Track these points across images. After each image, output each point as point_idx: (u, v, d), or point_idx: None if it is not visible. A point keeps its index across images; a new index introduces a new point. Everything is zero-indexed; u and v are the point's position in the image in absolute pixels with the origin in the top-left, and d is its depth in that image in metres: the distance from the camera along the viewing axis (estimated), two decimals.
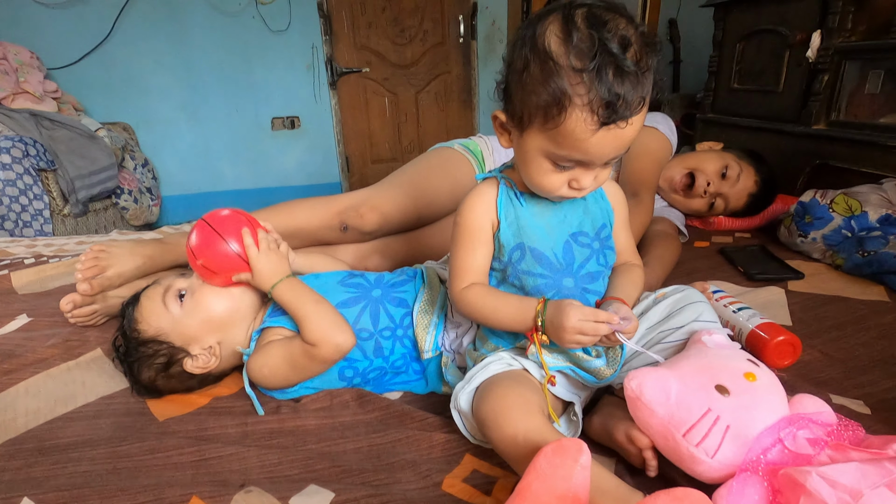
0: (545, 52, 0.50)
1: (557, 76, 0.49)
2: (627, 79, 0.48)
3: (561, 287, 0.64)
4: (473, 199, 0.65)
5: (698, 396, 0.52)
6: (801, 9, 1.57)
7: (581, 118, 0.50)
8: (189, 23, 2.94)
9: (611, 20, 0.49)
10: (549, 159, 0.55)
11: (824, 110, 1.53)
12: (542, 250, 0.63)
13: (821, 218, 1.16)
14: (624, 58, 0.48)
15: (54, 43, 2.74)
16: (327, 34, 3.17)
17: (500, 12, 3.40)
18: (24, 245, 1.36)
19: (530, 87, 0.52)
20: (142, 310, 0.75)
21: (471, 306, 0.64)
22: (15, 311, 0.95)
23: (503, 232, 0.63)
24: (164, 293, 0.75)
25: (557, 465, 0.43)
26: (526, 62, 0.52)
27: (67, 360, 0.83)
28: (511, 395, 0.57)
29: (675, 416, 0.52)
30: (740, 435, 0.49)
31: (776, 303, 0.99)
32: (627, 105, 0.49)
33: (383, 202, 1.07)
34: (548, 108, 0.51)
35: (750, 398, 0.51)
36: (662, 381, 0.54)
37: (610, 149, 0.52)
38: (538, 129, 0.54)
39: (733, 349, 0.60)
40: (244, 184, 3.33)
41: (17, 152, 2.08)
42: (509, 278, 0.65)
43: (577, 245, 0.64)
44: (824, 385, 0.73)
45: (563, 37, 0.50)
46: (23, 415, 0.72)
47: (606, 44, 0.48)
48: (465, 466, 0.61)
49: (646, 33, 0.51)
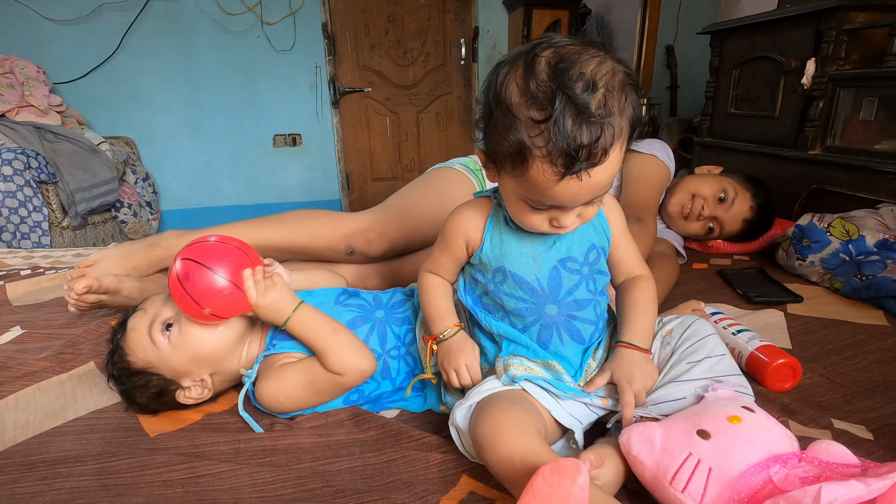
0: (506, 102, 0.50)
1: (516, 128, 0.49)
2: (589, 127, 0.46)
3: (542, 314, 0.63)
4: (460, 214, 0.67)
5: (679, 442, 0.52)
6: (796, 37, 1.61)
7: (542, 169, 0.49)
8: (195, 41, 2.99)
9: (579, 61, 0.47)
10: (525, 202, 0.56)
11: (820, 136, 1.55)
12: (523, 276, 0.63)
13: (818, 241, 1.16)
14: (586, 106, 0.46)
15: (61, 58, 2.78)
16: (331, 54, 3.23)
17: (501, 36, 3.47)
18: (21, 256, 1.35)
19: (496, 135, 0.52)
20: (129, 342, 0.71)
21: (420, 288, 0.73)
22: (8, 323, 0.94)
23: (485, 253, 0.64)
24: (150, 325, 0.71)
25: (555, 486, 0.43)
26: (490, 110, 0.52)
27: (59, 373, 0.82)
28: (507, 417, 0.56)
29: (661, 463, 0.51)
30: (723, 476, 0.48)
31: (775, 325, 0.99)
32: (590, 154, 0.47)
33: (390, 229, 1.07)
34: (512, 157, 0.51)
35: (730, 438, 0.50)
36: (648, 432, 0.54)
37: (580, 195, 0.52)
38: (508, 174, 0.54)
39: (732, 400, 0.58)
40: (244, 199, 3.35)
41: (18, 164, 2.09)
42: (491, 295, 0.65)
43: (565, 271, 0.63)
44: (826, 409, 0.73)
45: (522, 86, 0.49)
46: (11, 429, 0.70)
47: (567, 91, 0.46)
48: (462, 488, 0.59)
49: (620, 71, 0.49)
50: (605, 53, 0.49)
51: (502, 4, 3.39)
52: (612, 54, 0.50)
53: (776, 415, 0.69)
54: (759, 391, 0.76)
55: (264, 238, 1.01)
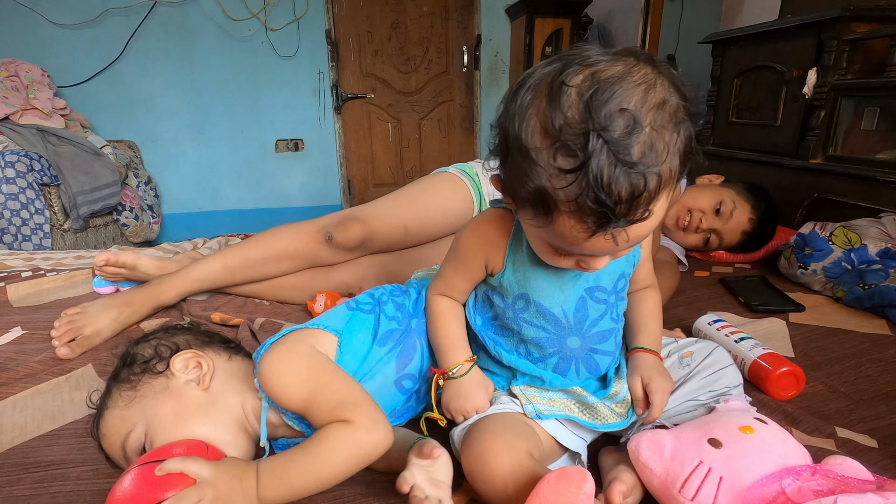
0: (525, 144, 0.40)
1: (538, 175, 0.40)
2: (629, 179, 0.38)
3: (564, 346, 0.58)
4: (479, 231, 0.59)
5: (689, 450, 0.51)
6: (797, 46, 1.61)
7: (570, 224, 0.41)
8: (199, 46, 3.01)
9: (619, 92, 0.38)
10: (548, 244, 0.48)
11: (821, 145, 1.56)
12: (548, 307, 0.56)
13: (821, 250, 1.16)
14: (627, 151, 0.37)
15: (66, 62, 2.80)
16: (334, 61, 3.25)
17: (504, 44, 3.49)
18: (23, 258, 1.35)
19: (514, 176, 0.43)
20: (104, 442, 0.59)
21: (428, 313, 0.65)
22: (9, 324, 0.94)
23: (506, 277, 0.57)
24: (123, 441, 0.57)
25: (560, 492, 0.42)
26: (506, 149, 0.43)
27: (58, 375, 0.81)
28: (497, 444, 0.52)
29: (671, 471, 0.51)
30: (735, 486, 0.48)
31: (777, 334, 0.99)
32: (629, 210, 0.39)
33: (367, 215, 1.06)
34: (533, 205, 0.42)
35: (742, 448, 0.50)
36: (657, 439, 0.53)
37: (614, 249, 0.44)
38: (529, 219, 0.45)
39: (745, 411, 0.58)
40: (246, 204, 3.35)
41: (21, 167, 2.09)
42: (507, 320, 0.59)
43: (592, 301, 0.57)
44: (830, 418, 0.72)
45: (546, 124, 0.39)
46: (9, 430, 0.70)
47: (603, 134, 0.37)
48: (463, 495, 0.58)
49: (673, 101, 0.39)
50: (656, 75, 0.40)
51: (505, 13, 3.41)
52: (664, 75, 0.40)
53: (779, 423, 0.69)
54: (761, 399, 0.76)
55: (252, 254, 1.03)
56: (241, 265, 1.02)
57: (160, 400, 0.59)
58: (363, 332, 0.65)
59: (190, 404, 0.59)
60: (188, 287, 1.00)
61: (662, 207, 0.42)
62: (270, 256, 1.03)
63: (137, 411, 0.58)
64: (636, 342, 0.64)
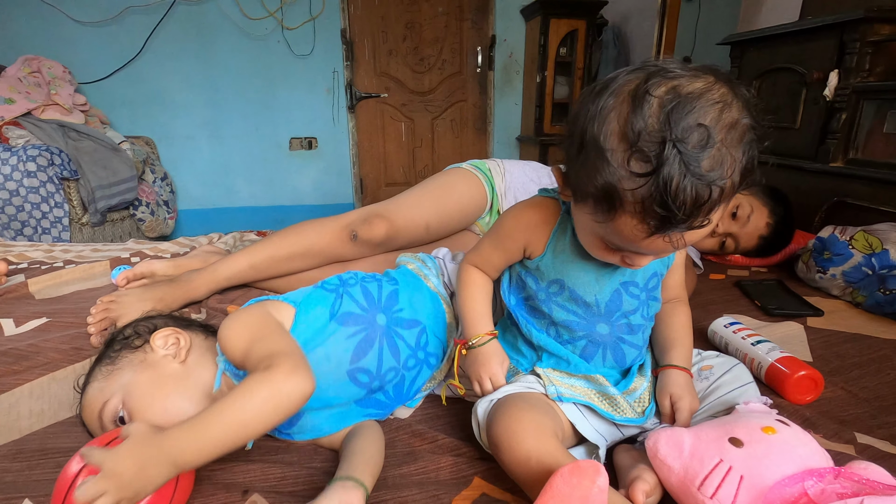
0: (601, 143, 0.43)
1: (609, 174, 0.43)
2: (695, 189, 0.40)
3: (593, 331, 0.61)
4: (524, 215, 0.62)
5: (710, 448, 0.50)
6: (819, 48, 1.59)
7: (631, 223, 0.44)
8: (217, 45, 3.05)
9: (698, 107, 0.40)
10: (600, 239, 0.51)
11: (842, 148, 1.53)
12: (582, 294, 0.60)
13: (840, 254, 1.14)
14: (697, 164, 0.40)
15: (87, 59, 2.85)
16: (349, 60, 3.27)
17: (518, 45, 3.48)
18: (43, 250, 1.37)
19: (583, 172, 0.46)
20: (84, 415, 0.60)
21: (460, 280, 0.69)
22: (33, 314, 0.96)
23: (544, 262, 0.60)
24: (101, 410, 0.58)
25: (574, 486, 0.42)
26: (581, 145, 0.46)
27: (74, 362, 0.83)
28: (525, 419, 0.55)
29: (690, 468, 0.50)
30: (756, 485, 0.47)
31: (795, 338, 0.97)
32: (690, 218, 0.42)
33: (391, 212, 1.07)
34: (597, 200, 0.46)
35: (764, 448, 0.49)
36: (676, 437, 0.53)
37: (666, 250, 0.47)
38: (588, 213, 0.49)
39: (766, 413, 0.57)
40: (259, 201, 3.38)
41: (42, 161, 2.13)
42: (539, 302, 0.62)
43: (626, 295, 0.60)
44: (849, 423, 0.71)
45: (624, 128, 0.42)
46: (26, 416, 0.71)
47: (679, 145, 0.40)
48: (475, 489, 0.58)
49: (744, 122, 0.42)
50: (732, 96, 0.42)
51: (519, 13, 3.40)
52: (739, 97, 0.43)
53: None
54: (779, 403, 0.74)
55: (277, 253, 1.04)
56: (266, 263, 1.04)
57: (137, 371, 0.60)
58: (321, 307, 0.67)
59: (166, 375, 0.60)
60: (217, 284, 1.03)
61: (718, 216, 0.45)
62: (295, 254, 1.04)
63: (115, 382, 0.59)
64: (668, 359, 0.65)
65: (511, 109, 3.62)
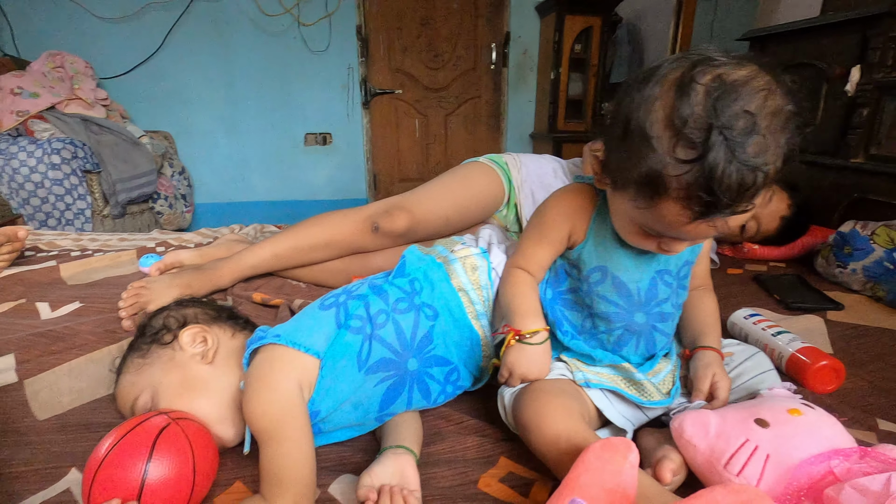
0: (646, 130, 0.44)
1: (655, 161, 0.43)
2: (741, 174, 0.41)
3: (632, 322, 0.62)
4: (565, 201, 0.62)
5: (735, 428, 0.51)
6: (841, 43, 1.58)
7: (674, 209, 0.45)
8: (234, 41, 3.08)
9: (744, 95, 0.41)
10: (638, 225, 0.52)
11: (863, 144, 1.52)
12: (625, 281, 0.60)
13: (861, 249, 1.14)
14: (743, 151, 0.41)
15: (108, 54, 2.90)
16: (363, 56, 3.29)
17: (532, 42, 3.48)
18: (71, 239, 1.41)
19: (625, 159, 0.47)
20: (117, 403, 0.64)
21: (505, 280, 0.67)
22: (67, 298, 0.99)
23: (586, 249, 0.61)
24: (132, 405, 0.61)
25: (607, 461, 0.43)
26: (625, 131, 0.46)
27: (108, 344, 0.85)
28: (554, 402, 0.56)
29: (716, 447, 0.51)
30: (782, 463, 0.48)
31: (815, 331, 0.97)
32: (734, 203, 0.43)
33: (412, 204, 1.09)
34: (640, 187, 0.46)
35: (790, 428, 0.50)
36: (702, 418, 0.54)
37: (707, 234, 0.48)
38: (628, 199, 0.49)
39: (790, 398, 0.58)
40: (274, 196, 3.42)
41: (66, 153, 2.18)
42: (581, 296, 0.63)
43: (661, 283, 0.61)
44: (871, 411, 0.71)
45: (670, 115, 0.43)
46: (67, 393, 0.74)
47: (725, 131, 0.40)
48: (501, 468, 0.60)
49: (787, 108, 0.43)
50: (775, 84, 0.43)
51: (534, 10, 3.40)
52: (781, 83, 0.43)
53: None
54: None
55: (300, 243, 1.07)
56: (289, 253, 1.07)
57: (167, 370, 0.62)
58: (346, 358, 0.61)
59: (193, 377, 0.62)
60: (242, 273, 1.06)
61: (761, 202, 0.46)
62: (317, 244, 1.07)
63: (145, 378, 0.62)
64: (704, 340, 0.66)
65: (524, 106, 3.62)
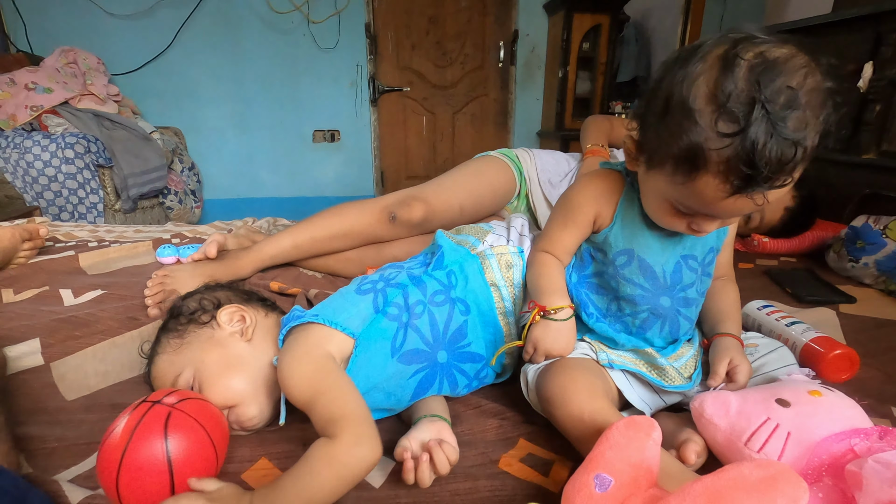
0: (688, 104, 0.45)
1: (697, 135, 0.44)
2: (781, 148, 0.42)
3: (657, 305, 0.62)
4: (591, 185, 0.63)
5: (757, 407, 0.52)
6: (853, 40, 1.58)
7: (713, 184, 0.46)
8: (244, 39, 3.11)
9: (786, 71, 0.42)
10: (670, 203, 0.53)
11: (875, 140, 1.52)
12: (651, 264, 0.61)
13: (874, 243, 1.14)
14: (784, 125, 0.42)
15: (120, 51, 2.93)
16: (372, 54, 3.30)
17: (540, 40, 3.49)
18: (88, 230, 1.43)
19: (665, 134, 0.48)
20: (155, 384, 0.65)
21: (532, 263, 0.69)
22: (89, 286, 1.00)
23: (613, 232, 0.62)
24: (173, 383, 0.62)
25: (631, 437, 0.44)
26: (666, 107, 0.47)
27: (131, 330, 0.87)
28: (579, 379, 0.57)
29: (737, 425, 0.52)
30: (803, 441, 0.49)
31: (828, 323, 0.98)
32: (771, 176, 0.44)
33: (429, 195, 1.11)
34: (679, 162, 0.47)
35: (811, 408, 0.51)
36: (722, 398, 0.55)
37: (743, 210, 0.48)
38: (665, 175, 0.50)
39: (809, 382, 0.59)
40: (282, 192, 3.44)
41: (80, 148, 2.20)
42: (607, 279, 0.64)
43: (686, 268, 0.62)
44: (885, 400, 0.72)
45: (713, 90, 0.44)
46: (93, 375, 0.76)
47: (767, 106, 0.41)
48: (521, 449, 0.61)
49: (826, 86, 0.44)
50: (815, 62, 0.44)
51: (542, 8, 3.41)
52: (822, 64, 0.44)
53: None
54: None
55: (318, 233, 1.09)
56: (309, 243, 1.09)
57: (206, 348, 0.63)
58: (382, 341, 0.63)
59: (234, 354, 0.63)
60: (262, 262, 1.08)
61: (798, 175, 0.46)
62: (336, 234, 1.09)
63: (185, 357, 0.63)
64: (723, 328, 0.67)
65: (532, 104, 3.62)
